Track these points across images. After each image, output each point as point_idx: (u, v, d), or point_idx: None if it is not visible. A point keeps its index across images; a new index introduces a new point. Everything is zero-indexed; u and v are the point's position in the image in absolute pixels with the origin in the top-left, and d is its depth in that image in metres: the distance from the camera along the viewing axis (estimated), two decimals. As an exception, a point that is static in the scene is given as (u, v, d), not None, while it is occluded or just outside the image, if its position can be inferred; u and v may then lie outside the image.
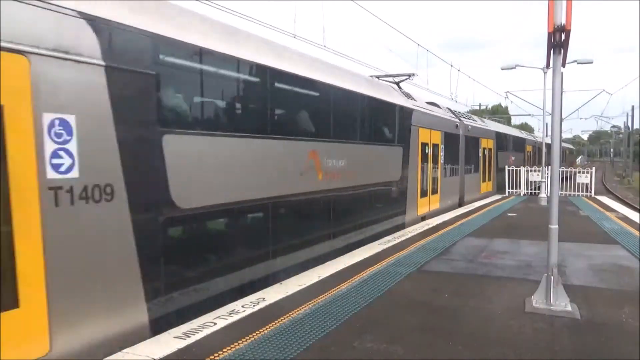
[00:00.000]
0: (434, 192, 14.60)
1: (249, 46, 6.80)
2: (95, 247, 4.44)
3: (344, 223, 9.24)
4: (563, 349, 4.43)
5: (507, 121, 47.06)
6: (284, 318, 5.17)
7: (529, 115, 44.38)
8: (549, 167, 6.58)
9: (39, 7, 3.99)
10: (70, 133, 4.21)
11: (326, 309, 5.47)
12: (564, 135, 49.41)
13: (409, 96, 13.35)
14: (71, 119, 4.21)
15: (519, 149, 29.25)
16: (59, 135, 4.13)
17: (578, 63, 23.01)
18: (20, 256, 3.85)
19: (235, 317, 5.16)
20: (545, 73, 18.71)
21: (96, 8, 4.48)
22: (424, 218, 13.49)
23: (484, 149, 20.71)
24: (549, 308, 5.45)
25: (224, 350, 4.33)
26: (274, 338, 4.62)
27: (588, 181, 20.41)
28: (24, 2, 3.89)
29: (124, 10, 4.81)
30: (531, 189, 21.92)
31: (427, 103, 15.28)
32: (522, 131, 37.51)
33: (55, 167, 4.09)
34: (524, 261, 8.06)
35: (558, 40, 5.34)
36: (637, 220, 12.79)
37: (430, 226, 11.85)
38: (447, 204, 15.85)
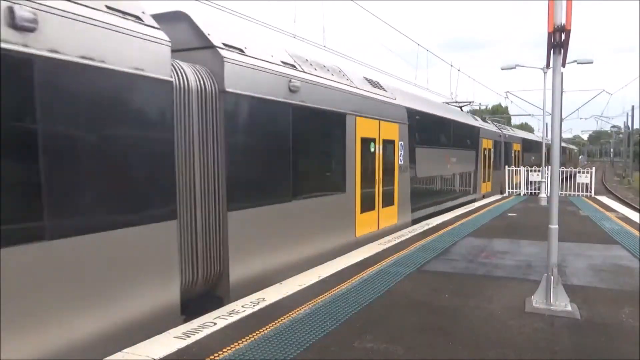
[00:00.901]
0: (488, 180, 22.01)
1: (430, 106, 15.28)
2: (406, 188, 12.22)
3: (457, 190, 17.56)
4: (563, 349, 4.43)
5: (507, 121, 47.11)
6: (284, 318, 5.17)
7: (529, 115, 44.36)
8: (549, 167, 6.56)
9: (401, 106, 12.09)
10: (402, 148, 11.90)
11: (326, 309, 5.48)
12: (564, 135, 49.40)
13: (475, 118, 21.94)
14: (402, 143, 11.88)
15: (538, 150, 36.44)
16: (400, 149, 11.81)
17: (578, 63, 22.98)
18: (394, 189, 11.53)
19: (235, 317, 5.16)
20: (545, 73, 18.72)
21: (406, 104, 12.36)
22: (483, 196, 20.95)
23: (515, 151, 28.15)
24: (549, 308, 5.45)
25: (224, 350, 4.33)
26: (274, 338, 4.62)
27: (588, 181, 20.41)
28: (407, 107, 12.61)
29: (410, 103, 12.75)
30: (531, 189, 21.94)
31: (483, 121, 23.72)
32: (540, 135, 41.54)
33: (400, 160, 11.81)
34: (524, 261, 8.06)
35: (558, 40, 5.34)
36: (637, 220, 12.79)
37: (430, 226, 11.86)
38: (495, 189, 23.04)
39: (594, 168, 20.97)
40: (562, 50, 5.44)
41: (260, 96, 6.72)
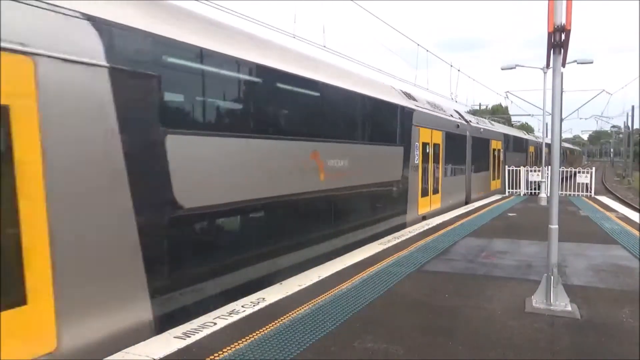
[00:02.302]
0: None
1: (504, 128, 30.40)
2: (504, 172, 23.02)
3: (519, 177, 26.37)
4: (563, 349, 4.43)
5: (507, 121, 47.16)
6: (284, 318, 5.17)
7: (529, 115, 44.32)
8: (549, 167, 6.56)
9: (500, 132, 26.21)
10: (503, 153, 25.50)
11: (326, 309, 5.47)
12: (564, 135, 49.43)
13: (524, 132, 36.57)
14: (503, 150, 25.35)
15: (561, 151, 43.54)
16: (503, 153, 25.55)
17: (578, 63, 23.01)
18: (500, 172, 24.17)
19: (235, 317, 5.16)
20: (545, 73, 18.73)
21: (501, 131, 26.76)
22: None
23: (545, 153, 41.58)
24: (549, 308, 5.45)
25: (224, 350, 4.33)
26: (274, 338, 4.62)
27: (588, 181, 20.43)
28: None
29: (500, 129, 27.31)
30: (531, 189, 21.96)
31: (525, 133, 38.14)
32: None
33: (502, 157, 25.23)
34: (524, 261, 8.06)
35: (558, 40, 5.33)
36: (637, 220, 12.79)
37: (430, 226, 11.85)
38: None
39: (594, 168, 20.99)
40: (562, 50, 5.43)
41: (475, 136, 19.11)
